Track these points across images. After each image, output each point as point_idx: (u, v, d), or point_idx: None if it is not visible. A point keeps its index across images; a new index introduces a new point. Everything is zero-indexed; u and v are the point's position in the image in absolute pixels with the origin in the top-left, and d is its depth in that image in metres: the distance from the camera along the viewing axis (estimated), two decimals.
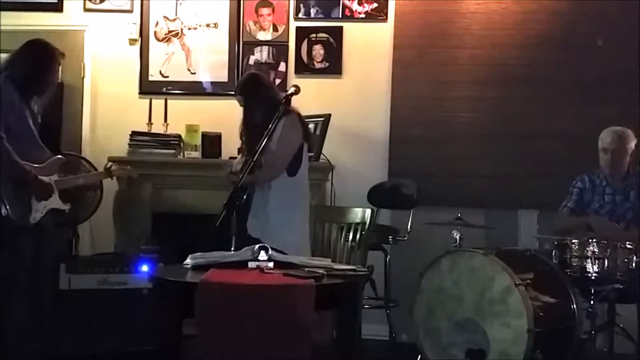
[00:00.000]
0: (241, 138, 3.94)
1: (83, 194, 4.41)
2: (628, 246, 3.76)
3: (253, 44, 5.34)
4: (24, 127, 3.64)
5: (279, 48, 5.32)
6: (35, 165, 3.64)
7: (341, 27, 5.27)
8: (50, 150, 3.82)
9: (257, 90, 3.88)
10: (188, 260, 3.07)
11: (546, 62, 5.02)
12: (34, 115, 3.73)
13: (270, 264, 2.96)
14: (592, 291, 3.79)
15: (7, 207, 3.47)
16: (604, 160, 4.17)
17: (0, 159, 3.47)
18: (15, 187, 3.53)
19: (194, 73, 5.38)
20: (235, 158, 4.37)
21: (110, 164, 4.44)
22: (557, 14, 5.02)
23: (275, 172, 3.78)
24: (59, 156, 3.83)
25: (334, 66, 5.26)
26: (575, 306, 3.75)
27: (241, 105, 3.93)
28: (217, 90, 5.34)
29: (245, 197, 3.43)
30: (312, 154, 4.49)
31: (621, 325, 3.92)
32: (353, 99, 5.22)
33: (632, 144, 4.16)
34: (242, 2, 5.34)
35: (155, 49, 5.39)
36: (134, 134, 5.10)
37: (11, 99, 3.59)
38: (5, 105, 3.56)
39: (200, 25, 5.37)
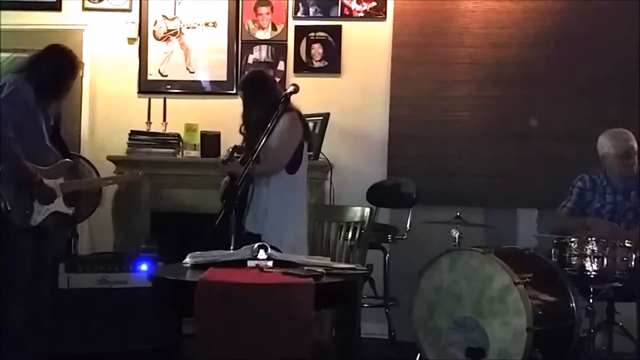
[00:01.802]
0: (241, 133, 3.94)
1: (86, 195, 4.43)
2: (627, 245, 3.76)
3: (252, 43, 5.34)
4: (35, 128, 3.66)
5: (277, 47, 5.32)
6: (42, 168, 3.64)
7: (340, 26, 5.27)
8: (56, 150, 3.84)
9: (260, 88, 3.87)
10: (187, 259, 3.07)
11: (545, 61, 5.02)
12: (47, 118, 3.75)
13: (270, 263, 2.95)
14: (591, 290, 3.78)
15: (8, 207, 3.47)
16: (617, 163, 4.09)
17: (7, 158, 3.48)
18: (19, 188, 3.54)
19: (193, 72, 5.38)
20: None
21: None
22: (556, 13, 5.01)
23: (274, 168, 3.78)
24: (67, 160, 3.83)
25: (333, 65, 5.26)
26: (574, 305, 3.75)
27: (242, 100, 3.93)
28: (216, 90, 5.34)
29: (240, 192, 3.42)
30: (311, 153, 4.49)
31: (620, 323, 3.92)
32: (352, 97, 5.22)
33: (635, 144, 4.15)
34: (240, 1, 5.34)
35: (154, 48, 5.39)
36: (132, 133, 5.10)
37: (26, 98, 3.61)
38: (19, 104, 3.58)
39: (199, 25, 5.36)
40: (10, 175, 3.50)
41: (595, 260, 3.76)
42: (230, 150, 3.92)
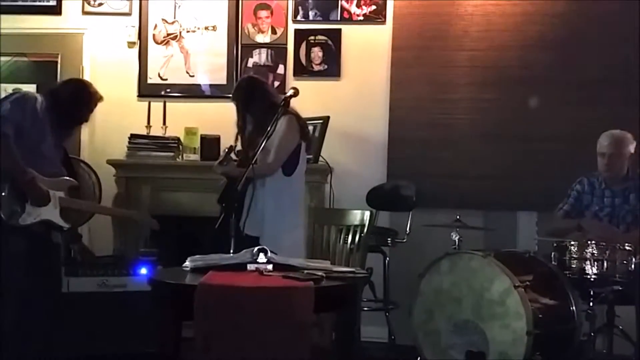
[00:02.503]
0: (235, 143, 3.94)
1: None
2: (627, 248, 3.76)
3: (252, 47, 5.34)
4: (40, 137, 3.64)
5: (277, 50, 5.32)
6: (46, 178, 3.64)
7: (340, 30, 5.27)
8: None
9: (252, 95, 3.88)
10: (187, 263, 3.07)
11: (545, 63, 5.02)
12: (57, 138, 3.77)
13: (269, 267, 2.96)
14: (591, 293, 3.79)
15: None
16: (601, 163, 4.16)
17: (2, 154, 3.48)
18: (13, 185, 3.53)
19: (193, 76, 5.39)
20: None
21: None
22: (555, 15, 5.02)
23: (270, 168, 3.78)
24: (71, 179, 3.83)
25: (332, 68, 5.27)
26: (574, 308, 3.74)
27: (236, 108, 3.94)
28: (216, 93, 5.34)
29: (238, 194, 3.42)
30: (310, 156, 4.49)
31: (620, 327, 3.91)
32: (352, 101, 5.22)
33: (631, 147, 4.14)
34: (240, 4, 5.35)
35: (154, 51, 5.39)
36: (132, 136, 5.10)
37: (35, 106, 3.63)
38: (26, 109, 3.59)
39: (198, 28, 5.37)
40: (5, 172, 3.51)
41: (595, 263, 3.77)
42: (226, 150, 3.93)
